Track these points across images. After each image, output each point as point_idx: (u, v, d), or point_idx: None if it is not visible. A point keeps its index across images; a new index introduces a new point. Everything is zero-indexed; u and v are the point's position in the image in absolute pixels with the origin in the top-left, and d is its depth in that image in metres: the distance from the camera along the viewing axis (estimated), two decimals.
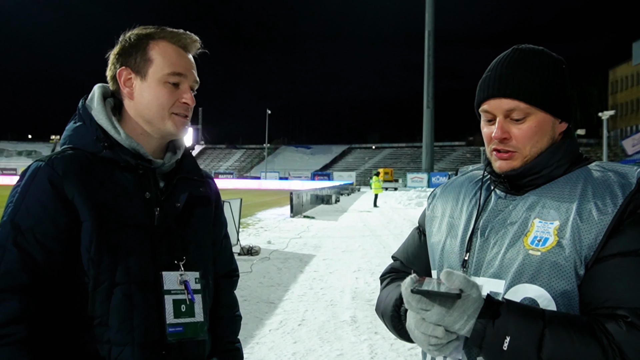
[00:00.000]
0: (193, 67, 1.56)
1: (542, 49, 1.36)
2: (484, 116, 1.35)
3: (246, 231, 15.42)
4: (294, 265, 10.19)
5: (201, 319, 1.52)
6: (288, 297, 7.63)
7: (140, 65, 1.49)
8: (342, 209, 27.77)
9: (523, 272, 1.21)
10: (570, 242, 1.18)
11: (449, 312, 1.12)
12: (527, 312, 1.13)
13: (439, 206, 1.53)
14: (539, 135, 1.30)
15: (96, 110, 1.50)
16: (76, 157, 1.42)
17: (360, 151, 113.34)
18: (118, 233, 1.40)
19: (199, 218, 1.60)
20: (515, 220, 1.30)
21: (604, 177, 1.25)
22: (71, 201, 1.36)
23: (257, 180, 75.80)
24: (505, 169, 1.33)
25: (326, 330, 5.98)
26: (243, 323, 1.67)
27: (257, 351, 5.25)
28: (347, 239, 14.52)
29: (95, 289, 1.37)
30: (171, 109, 1.50)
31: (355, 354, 5.20)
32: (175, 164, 1.59)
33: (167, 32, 1.52)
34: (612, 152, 60.48)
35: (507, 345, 1.09)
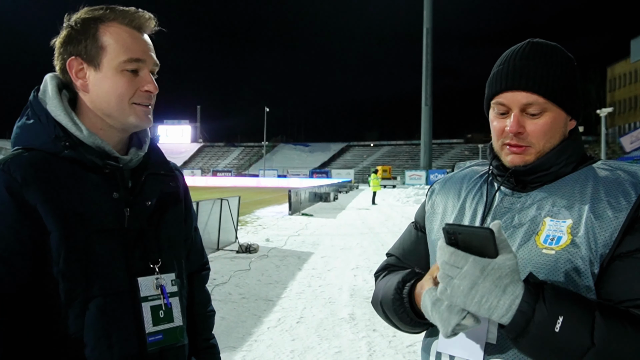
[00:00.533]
0: (151, 49, 1.40)
1: (555, 44, 1.33)
2: (497, 109, 1.31)
3: (244, 229, 15.41)
4: (292, 263, 10.18)
5: (180, 323, 1.42)
6: (286, 294, 7.63)
7: (92, 54, 1.33)
8: (340, 206, 27.77)
9: (538, 271, 1.19)
10: (585, 240, 1.16)
11: (483, 275, 1.05)
12: (574, 294, 1.08)
13: (440, 202, 1.49)
14: (552, 131, 1.28)
15: (52, 105, 1.34)
16: (34, 160, 1.27)
17: (358, 149, 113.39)
18: (88, 240, 1.27)
19: (171, 215, 1.49)
20: (524, 218, 1.27)
21: (614, 175, 1.24)
22: (34, 210, 1.22)
23: (256, 178, 75.95)
24: (517, 163, 1.30)
25: (324, 328, 5.98)
26: (241, 320, 1.67)
27: (255, 349, 5.25)
28: (346, 236, 14.52)
29: (68, 304, 1.24)
30: (132, 99, 1.36)
31: (353, 351, 5.20)
32: (142, 159, 1.45)
33: (118, 12, 1.36)
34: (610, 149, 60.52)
35: (560, 327, 1.03)
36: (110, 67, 1.33)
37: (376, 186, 31.35)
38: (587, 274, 1.15)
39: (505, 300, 1.04)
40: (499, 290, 1.04)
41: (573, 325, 1.03)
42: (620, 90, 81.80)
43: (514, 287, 1.05)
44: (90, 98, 1.36)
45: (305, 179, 70.57)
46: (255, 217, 20.17)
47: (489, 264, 1.05)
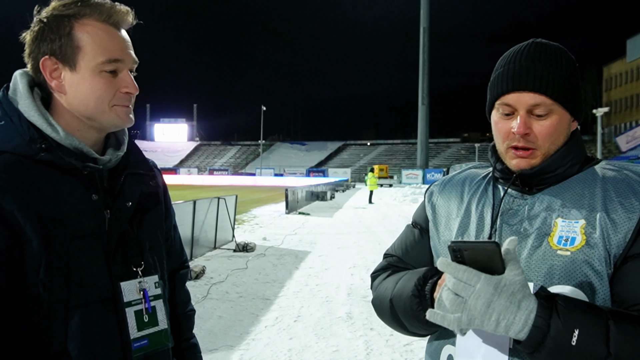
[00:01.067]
0: (129, 46, 1.32)
1: (559, 45, 1.32)
2: (502, 110, 1.29)
3: (241, 228, 15.41)
4: (290, 262, 10.19)
5: (165, 326, 1.38)
6: (283, 293, 7.64)
7: (68, 54, 1.25)
8: (337, 205, 27.77)
9: (554, 273, 1.18)
10: (600, 241, 1.16)
11: (497, 292, 1.03)
12: (587, 305, 1.08)
13: (442, 205, 1.47)
14: (557, 133, 1.27)
15: (24, 105, 1.25)
16: (8, 163, 1.18)
17: (355, 148, 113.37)
18: (68, 247, 1.20)
19: (151, 216, 1.44)
20: (534, 220, 1.26)
21: (621, 176, 1.24)
22: (10, 217, 1.14)
23: (252, 177, 75.80)
24: (523, 167, 1.28)
25: (322, 327, 5.99)
26: (239, 319, 1.66)
27: (252, 347, 5.25)
28: (343, 235, 14.52)
29: (49, 314, 1.18)
30: (111, 102, 1.28)
31: (351, 350, 5.21)
32: (120, 159, 1.38)
33: (93, 8, 1.26)
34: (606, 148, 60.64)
35: (576, 340, 1.02)
36: (87, 68, 1.26)
37: (373, 185, 31.36)
38: (604, 276, 1.15)
39: (520, 316, 1.03)
40: (514, 306, 1.03)
41: (589, 337, 1.02)
42: (616, 89, 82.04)
43: (527, 301, 1.04)
44: (67, 99, 1.29)
45: (302, 178, 70.52)
46: (252, 215, 20.16)
47: (500, 281, 1.04)
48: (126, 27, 1.34)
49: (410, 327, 1.33)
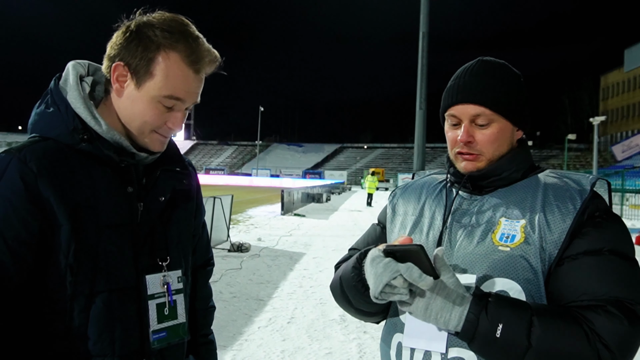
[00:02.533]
0: (199, 88, 1.36)
1: (504, 62, 1.47)
2: (450, 120, 1.44)
3: (236, 228, 15.39)
4: (284, 263, 10.18)
5: (184, 320, 1.43)
6: (277, 294, 7.63)
7: (140, 72, 1.30)
8: (332, 207, 27.79)
9: (494, 266, 1.31)
10: (537, 239, 1.29)
11: (433, 294, 1.20)
12: (515, 302, 1.23)
13: (401, 206, 1.61)
14: (500, 140, 1.41)
15: (72, 96, 1.32)
16: (50, 150, 1.25)
17: (352, 150, 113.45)
18: (98, 236, 1.26)
19: (181, 212, 1.49)
20: (481, 218, 1.39)
21: (561, 182, 1.38)
22: (46, 202, 1.21)
23: (249, 177, 75.80)
24: (470, 169, 1.43)
25: (315, 329, 5.98)
26: (232, 319, 1.67)
27: (245, 348, 5.24)
28: (338, 237, 14.51)
29: (73, 298, 1.24)
30: (154, 128, 1.34)
31: (344, 353, 5.20)
32: (157, 155, 1.43)
33: (186, 45, 1.30)
34: (602, 157, 60.88)
35: (500, 333, 1.17)
36: (148, 94, 1.30)
37: (372, 188, 31.44)
38: (539, 271, 1.28)
39: (455, 313, 1.20)
40: (449, 305, 1.20)
41: (511, 330, 1.17)
42: (613, 99, 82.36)
43: (461, 300, 1.20)
44: (118, 104, 1.35)
45: (298, 179, 70.54)
46: (247, 216, 20.15)
47: (436, 285, 1.19)
48: (208, 74, 1.37)
49: (354, 302, 1.45)
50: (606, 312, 1.18)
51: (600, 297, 1.20)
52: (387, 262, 1.21)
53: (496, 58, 1.49)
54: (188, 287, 1.50)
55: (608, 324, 1.16)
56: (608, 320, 1.17)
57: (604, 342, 1.15)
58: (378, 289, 1.20)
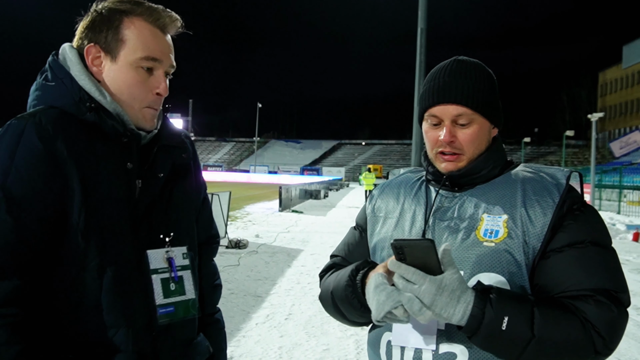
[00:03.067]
0: (170, 50, 1.41)
1: (478, 61, 1.50)
2: (431, 120, 1.46)
3: (234, 224, 15.40)
4: (282, 260, 10.19)
5: (193, 296, 1.44)
6: (275, 291, 7.64)
7: (112, 45, 1.35)
8: (330, 204, 27.80)
9: (481, 261, 1.35)
10: (521, 233, 1.34)
11: (439, 292, 1.20)
12: (516, 295, 1.27)
13: (380, 207, 1.63)
14: (479, 139, 1.44)
15: (76, 70, 1.35)
16: (58, 116, 1.28)
17: (349, 147, 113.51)
18: (101, 207, 1.28)
19: (182, 189, 1.50)
20: (463, 215, 1.43)
21: (538, 177, 1.43)
22: (63, 163, 1.23)
23: (246, 174, 75.73)
24: (451, 169, 1.46)
25: (313, 325, 5.99)
26: (230, 316, 1.67)
27: (243, 344, 5.24)
28: (335, 234, 14.51)
29: (85, 267, 1.26)
30: (143, 103, 1.38)
31: (341, 349, 5.21)
32: (154, 133, 1.46)
33: (145, 9, 1.37)
34: (600, 154, 60.94)
35: (506, 325, 1.20)
36: (126, 61, 1.35)
37: (369, 184, 31.52)
38: (522, 264, 1.33)
39: (460, 308, 1.21)
40: (454, 301, 1.21)
41: (516, 322, 1.20)
42: (611, 95, 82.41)
43: (465, 295, 1.22)
44: (103, 86, 1.37)
45: (296, 176, 70.46)
46: (245, 212, 20.15)
47: (442, 281, 1.20)
48: (172, 33, 1.43)
49: (348, 315, 1.46)
50: (596, 302, 1.25)
51: (588, 287, 1.27)
52: (390, 292, 1.24)
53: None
54: (196, 264, 1.51)
55: (598, 313, 1.23)
56: (598, 308, 1.24)
57: (596, 329, 1.23)
58: (380, 315, 1.25)
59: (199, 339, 1.52)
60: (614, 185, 29.07)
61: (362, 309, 1.36)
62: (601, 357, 1.25)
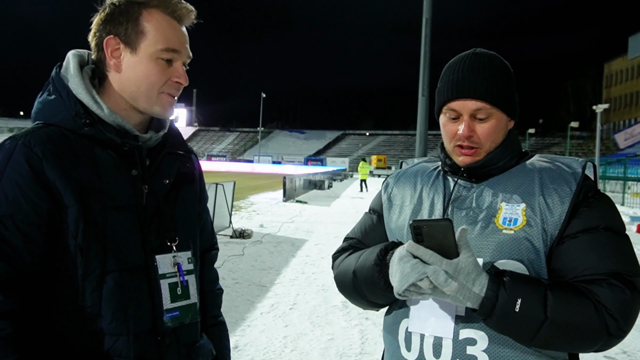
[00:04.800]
0: (187, 41, 1.44)
1: (495, 54, 1.51)
2: (449, 114, 1.48)
3: (239, 214, 15.42)
4: (286, 250, 10.21)
5: (196, 300, 1.47)
6: (280, 280, 7.66)
7: (131, 37, 1.36)
8: (334, 194, 27.81)
9: (500, 249, 1.37)
10: (539, 221, 1.37)
11: (455, 273, 1.22)
12: (529, 278, 1.29)
13: (397, 194, 1.65)
14: (497, 133, 1.47)
15: (73, 82, 1.36)
16: (53, 135, 1.29)
17: (354, 137, 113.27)
18: (105, 216, 1.30)
19: (186, 195, 1.53)
20: (482, 204, 1.45)
21: (554, 166, 1.46)
22: (52, 185, 1.25)
23: (250, 164, 75.71)
24: (468, 162, 1.48)
25: (317, 315, 6.01)
26: (235, 305, 1.68)
27: (248, 334, 5.27)
28: (339, 224, 14.54)
29: (85, 278, 1.27)
30: (161, 88, 1.39)
31: (346, 339, 5.23)
32: (161, 139, 1.48)
33: (161, 0, 1.39)
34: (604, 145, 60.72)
35: (519, 307, 1.23)
36: (146, 52, 1.36)
37: (364, 174, 31.98)
38: (541, 251, 1.36)
39: (475, 289, 1.25)
40: (469, 283, 1.24)
41: (529, 304, 1.24)
42: (616, 86, 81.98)
43: (480, 278, 1.25)
44: (121, 79, 1.39)
45: (300, 166, 70.41)
46: (249, 202, 20.19)
47: (458, 264, 1.23)
48: (187, 24, 1.45)
49: (370, 296, 1.48)
50: (609, 285, 1.27)
51: (602, 272, 1.29)
52: (414, 264, 1.25)
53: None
54: (198, 269, 1.54)
55: (611, 295, 1.26)
56: (611, 291, 1.26)
57: (610, 312, 1.24)
58: (403, 286, 1.26)
59: (202, 341, 1.54)
60: (619, 176, 28.97)
61: (388, 289, 1.37)
62: (614, 339, 1.27)
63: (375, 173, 65.07)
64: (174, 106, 1.45)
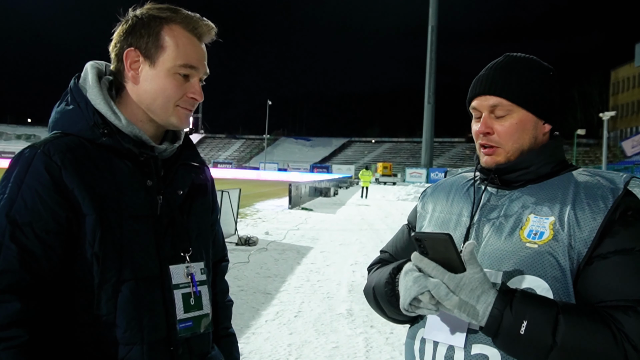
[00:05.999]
0: (205, 57, 1.45)
1: (532, 56, 1.46)
2: (474, 114, 1.45)
3: (244, 221, 15.43)
4: (291, 257, 10.20)
5: (209, 311, 1.48)
6: (285, 288, 7.65)
7: (151, 50, 1.37)
8: (340, 201, 27.79)
9: (522, 263, 1.29)
10: (567, 237, 1.27)
11: (458, 288, 1.19)
12: (541, 299, 1.21)
13: (430, 204, 1.61)
14: (519, 132, 1.39)
15: (92, 93, 1.38)
16: (72, 145, 1.31)
17: (359, 145, 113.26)
18: (121, 225, 1.31)
19: (200, 206, 1.54)
20: (510, 214, 1.38)
21: (593, 181, 1.35)
22: (71, 193, 1.26)
23: (256, 171, 75.81)
24: (490, 163, 1.42)
25: (322, 323, 5.99)
26: (239, 313, 1.68)
27: (252, 341, 5.26)
28: (345, 232, 14.53)
29: (101, 286, 1.28)
30: (177, 102, 1.40)
31: (350, 347, 5.21)
32: (176, 150, 1.49)
33: (183, 17, 1.40)
34: (611, 152, 60.49)
35: (524, 329, 1.16)
36: (164, 67, 1.37)
37: (366, 182, 32.38)
38: (567, 267, 1.26)
39: (480, 307, 1.20)
40: (473, 300, 1.19)
41: (536, 327, 1.16)
42: (623, 93, 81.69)
43: (486, 295, 1.20)
44: (138, 91, 1.40)
45: (305, 174, 70.50)
46: (255, 210, 20.19)
47: (461, 279, 1.20)
48: (207, 41, 1.46)
49: (388, 312, 1.47)
50: (636, 313, 1.16)
51: (631, 298, 1.18)
52: (416, 277, 1.23)
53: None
54: (210, 280, 1.55)
55: (637, 325, 1.15)
56: (637, 320, 1.15)
57: (632, 342, 1.14)
58: (406, 301, 1.25)
59: (213, 352, 1.55)
60: None
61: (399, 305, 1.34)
62: None
63: (381, 180, 65.03)
64: (190, 117, 1.46)
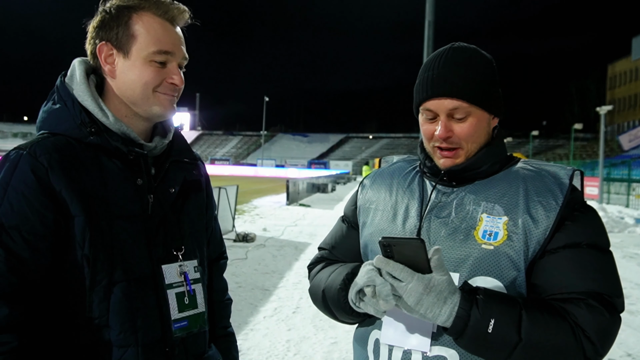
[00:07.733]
0: (181, 42, 1.40)
1: (475, 47, 1.42)
2: (426, 115, 1.40)
3: (242, 218, 15.42)
4: (289, 253, 10.20)
5: (204, 309, 1.45)
6: (283, 284, 7.65)
7: (123, 41, 1.34)
8: (338, 197, 27.78)
9: (479, 265, 1.30)
10: (522, 236, 1.29)
11: (426, 291, 1.18)
12: (504, 297, 1.23)
13: (372, 198, 1.56)
14: (478, 132, 1.38)
15: (79, 90, 1.35)
16: (59, 145, 1.28)
17: (357, 140, 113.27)
18: (111, 226, 1.28)
19: (193, 203, 1.51)
20: (461, 214, 1.37)
21: (539, 176, 1.37)
22: (58, 194, 1.23)
23: (254, 168, 75.85)
24: (449, 165, 1.39)
25: (320, 318, 5.98)
26: (238, 309, 1.68)
27: (251, 337, 5.27)
28: None
29: (92, 288, 1.26)
30: (156, 88, 1.36)
31: (349, 342, 5.21)
32: (166, 147, 1.46)
33: (152, 3, 1.36)
34: (608, 147, 60.51)
35: (492, 328, 1.17)
36: (139, 56, 1.34)
37: None
38: (522, 268, 1.28)
39: (446, 309, 1.19)
40: (440, 302, 1.18)
41: (503, 325, 1.17)
42: (620, 88, 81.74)
43: (452, 297, 1.19)
44: (117, 84, 1.37)
45: (303, 170, 70.51)
46: (252, 206, 20.18)
47: (430, 281, 1.18)
48: (181, 25, 1.43)
49: (339, 317, 1.46)
50: (588, 306, 1.21)
51: (581, 291, 1.23)
52: (368, 270, 1.23)
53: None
54: (205, 278, 1.52)
55: (590, 317, 1.20)
56: (590, 313, 1.20)
57: (587, 334, 1.19)
58: (353, 291, 1.26)
59: (210, 352, 1.53)
60: (623, 178, 28.85)
61: (354, 314, 1.35)
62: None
63: None
64: (174, 104, 1.43)
